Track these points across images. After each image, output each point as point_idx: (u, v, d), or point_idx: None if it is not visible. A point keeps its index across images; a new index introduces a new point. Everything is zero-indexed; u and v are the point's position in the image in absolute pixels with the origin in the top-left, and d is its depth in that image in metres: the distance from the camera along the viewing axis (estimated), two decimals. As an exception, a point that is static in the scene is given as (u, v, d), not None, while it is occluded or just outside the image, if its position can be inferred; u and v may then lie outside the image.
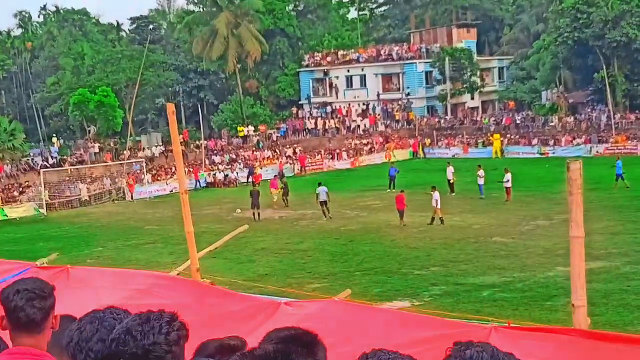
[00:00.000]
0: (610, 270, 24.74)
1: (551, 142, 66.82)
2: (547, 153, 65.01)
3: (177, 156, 8.10)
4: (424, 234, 33.81)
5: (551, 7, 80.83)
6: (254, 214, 41.01)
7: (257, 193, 42.01)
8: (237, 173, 62.99)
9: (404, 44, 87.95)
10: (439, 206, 36.12)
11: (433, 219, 35.97)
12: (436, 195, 36.18)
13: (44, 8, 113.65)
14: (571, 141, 66.06)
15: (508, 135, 70.49)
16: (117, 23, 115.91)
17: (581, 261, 5.58)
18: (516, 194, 42.20)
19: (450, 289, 24.15)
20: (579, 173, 5.60)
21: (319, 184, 41.69)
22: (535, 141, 68.06)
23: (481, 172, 43.92)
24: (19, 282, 3.47)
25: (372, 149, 72.16)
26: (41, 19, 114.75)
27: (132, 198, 56.76)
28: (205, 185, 61.11)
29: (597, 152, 63.04)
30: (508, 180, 42.03)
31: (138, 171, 61.45)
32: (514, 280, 24.59)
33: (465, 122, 77.87)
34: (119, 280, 7.12)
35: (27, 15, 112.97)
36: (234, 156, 67.70)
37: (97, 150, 65.83)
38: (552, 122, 71.07)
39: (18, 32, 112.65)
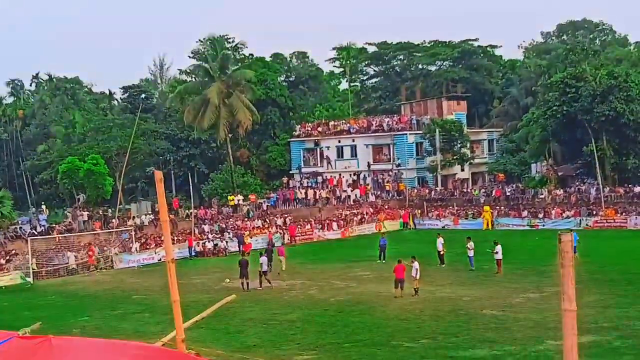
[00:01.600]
0: (601, 345, 24.50)
1: (541, 215, 66.87)
2: (537, 225, 65.03)
3: (165, 224, 8.01)
4: (414, 305, 33.54)
5: (540, 81, 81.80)
6: (242, 283, 40.68)
7: (245, 263, 41.64)
8: (226, 242, 62.75)
9: (395, 115, 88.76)
10: (418, 276, 36.07)
11: (416, 289, 35.88)
12: (416, 265, 36.26)
13: (36, 76, 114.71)
14: (561, 214, 66.14)
15: (498, 207, 70.58)
16: (109, 92, 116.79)
17: (573, 334, 5.48)
18: (506, 267, 42.02)
19: (440, 362, 23.85)
20: (570, 245, 5.53)
21: (260, 254, 42.40)
22: (525, 213, 68.12)
23: (470, 244, 43.83)
24: None
25: (363, 220, 72.07)
26: (33, 87, 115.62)
27: (89, 269, 55.46)
28: (194, 254, 60.82)
29: (586, 225, 63.09)
30: (498, 252, 41.92)
31: (127, 239, 61.12)
32: (504, 354, 24.30)
33: (455, 193, 78.05)
34: (101, 351, 6.96)
35: (19, 84, 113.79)
36: (223, 225, 67.44)
37: (86, 218, 65.51)
38: (541, 194, 71.24)
39: (10, 100, 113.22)
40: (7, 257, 55.64)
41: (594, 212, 65.06)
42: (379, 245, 50.53)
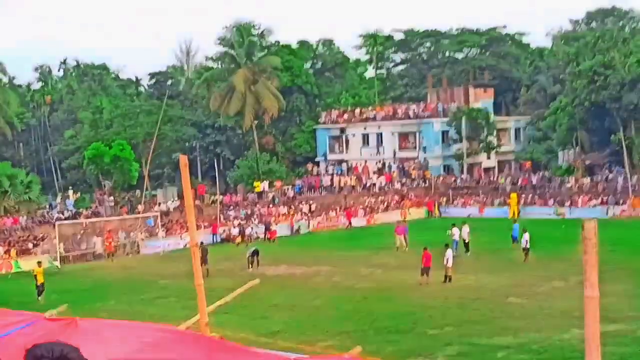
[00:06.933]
0: (626, 334, 24.42)
1: (568, 203, 66.50)
2: (564, 214, 64.64)
3: (189, 209, 8.06)
4: (439, 293, 33.55)
5: (568, 69, 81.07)
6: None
7: (205, 250, 42.27)
8: (252, 228, 62.89)
9: (421, 102, 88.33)
10: (449, 264, 36.13)
11: (446, 277, 35.96)
12: (448, 253, 36.33)
13: (64, 62, 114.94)
14: (588, 202, 65.75)
15: (524, 196, 70.22)
16: (136, 78, 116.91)
17: (596, 322, 5.45)
18: (532, 255, 41.91)
19: (464, 350, 23.87)
20: (594, 232, 5.50)
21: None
22: (551, 202, 67.77)
23: (455, 230, 45.71)
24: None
25: (388, 207, 72.02)
26: (61, 73, 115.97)
27: (108, 257, 55.54)
28: (219, 240, 61.08)
29: (614, 214, 62.73)
30: (527, 241, 42.02)
31: (152, 225, 61.45)
32: (529, 342, 24.28)
33: (481, 181, 77.77)
34: (127, 332, 7.02)
35: (47, 70, 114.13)
36: (249, 212, 67.65)
37: (112, 203, 65.95)
38: (568, 183, 70.81)
39: (38, 85, 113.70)
40: (35, 242, 56.16)
41: (621, 201, 64.63)
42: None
